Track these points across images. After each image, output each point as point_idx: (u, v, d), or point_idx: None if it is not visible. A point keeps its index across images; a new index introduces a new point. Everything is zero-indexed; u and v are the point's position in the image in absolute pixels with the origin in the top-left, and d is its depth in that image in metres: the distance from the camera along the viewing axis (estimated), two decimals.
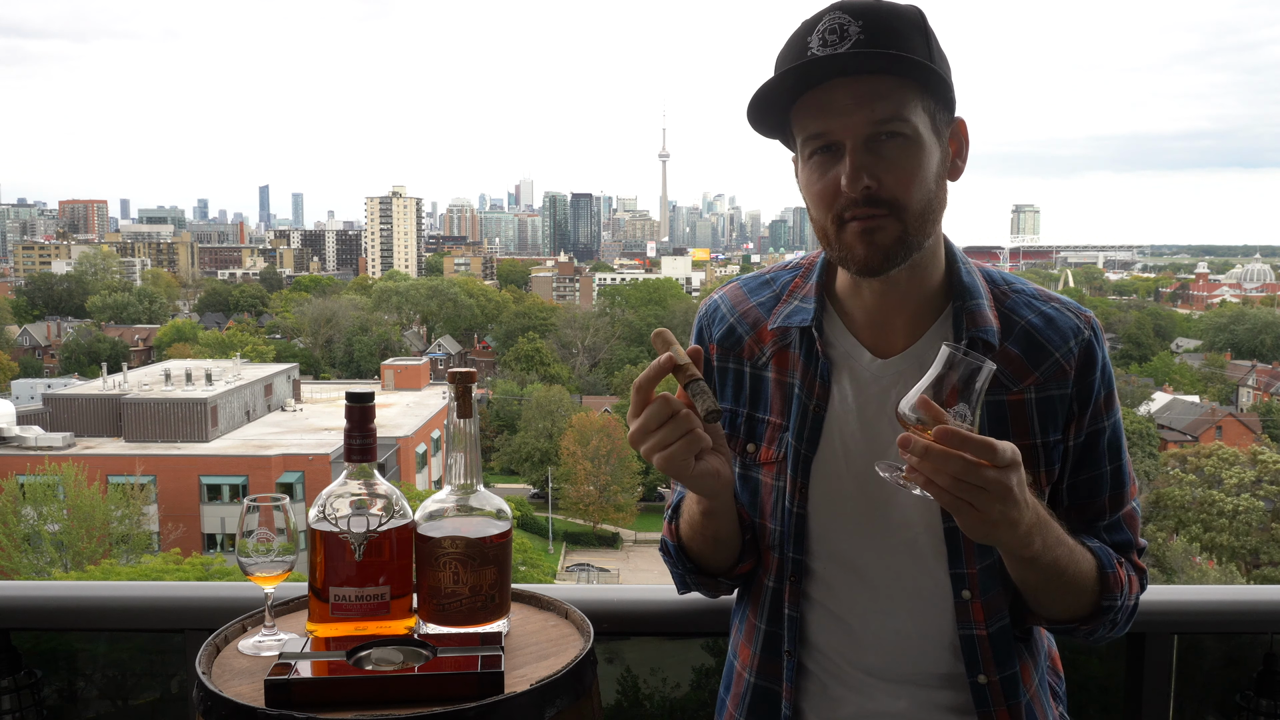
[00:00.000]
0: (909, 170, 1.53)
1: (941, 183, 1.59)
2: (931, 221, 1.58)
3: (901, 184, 1.53)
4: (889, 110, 1.51)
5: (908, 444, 1.35)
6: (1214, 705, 2.51)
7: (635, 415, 1.50)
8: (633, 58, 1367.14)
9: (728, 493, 1.63)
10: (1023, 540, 1.45)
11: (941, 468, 1.33)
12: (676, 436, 1.48)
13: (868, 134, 1.52)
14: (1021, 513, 1.40)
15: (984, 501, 1.36)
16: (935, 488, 1.36)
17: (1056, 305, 1.71)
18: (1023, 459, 1.63)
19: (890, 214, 1.53)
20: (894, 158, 1.52)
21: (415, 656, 1.61)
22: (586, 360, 73.57)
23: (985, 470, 1.34)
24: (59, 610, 2.34)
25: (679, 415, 1.48)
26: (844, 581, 1.70)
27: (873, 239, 1.54)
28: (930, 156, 1.55)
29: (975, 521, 1.39)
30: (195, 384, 43.30)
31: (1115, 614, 1.68)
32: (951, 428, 1.34)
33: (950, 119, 1.60)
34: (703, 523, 1.69)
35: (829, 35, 1.51)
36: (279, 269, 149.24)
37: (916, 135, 1.53)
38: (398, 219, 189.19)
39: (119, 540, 30.77)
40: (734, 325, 1.78)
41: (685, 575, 1.82)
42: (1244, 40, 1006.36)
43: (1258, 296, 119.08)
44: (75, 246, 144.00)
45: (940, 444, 1.33)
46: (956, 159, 1.63)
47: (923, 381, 1.39)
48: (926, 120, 1.55)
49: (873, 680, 1.70)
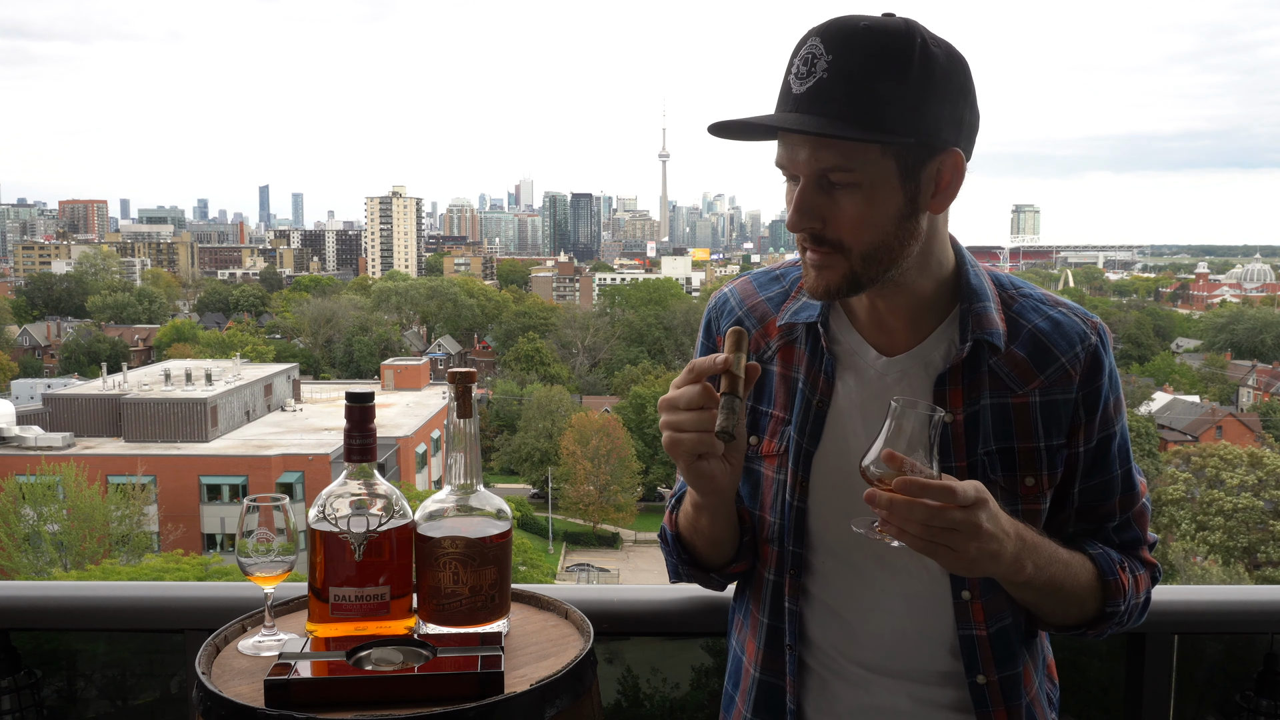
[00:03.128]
0: (854, 217, 1.51)
1: (907, 223, 1.54)
2: (888, 260, 1.55)
3: (845, 228, 1.51)
4: (832, 160, 1.48)
5: (874, 499, 1.39)
6: (1214, 705, 2.51)
7: (677, 386, 1.53)
8: (633, 58, 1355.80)
9: (722, 498, 1.65)
10: (1011, 568, 1.48)
11: (909, 517, 1.37)
12: (693, 427, 1.50)
13: (816, 176, 1.51)
14: (1001, 544, 1.43)
15: (958, 542, 1.39)
16: (908, 536, 1.40)
17: (1064, 310, 1.70)
18: (1026, 461, 1.64)
19: (837, 253, 1.54)
20: (841, 201, 1.51)
21: (415, 656, 1.61)
22: (586, 360, 73.57)
23: (951, 513, 1.37)
24: (59, 610, 2.34)
25: (707, 411, 1.50)
26: (843, 577, 1.70)
27: (820, 274, 1.56)
28: (885, 202, 1.51)
29: (955, 561, 1.42)
30: (195, 384, 43.32)
31: (1120, 617, 1.69)
32: (909, 478, 1.38)
33: (930, 154, 1.52)
34: (694, 515, 1.71)
35: (801, 66, 1.49)
36: (279, 269, 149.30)
37: (867, 183, 1.49)
38: (398, 219, 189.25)
39: (119, 540, 30.78)
40: (742, 319, 1.79)
41: (679, 565, 1.83)
42: (1239, 41, 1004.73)
43: (1258, 296, 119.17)
44: (75, 246, 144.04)
45: (902, 495, 1.37)
46: (945, 190, 1.56)
47: (880, 437, 1.43)
48: (889, 165, 1.49)
49: (871, 676, 1.70)
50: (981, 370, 1.64)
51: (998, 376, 1.64)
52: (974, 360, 1.64)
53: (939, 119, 1.50)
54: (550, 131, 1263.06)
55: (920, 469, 1.40)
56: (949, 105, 1.51)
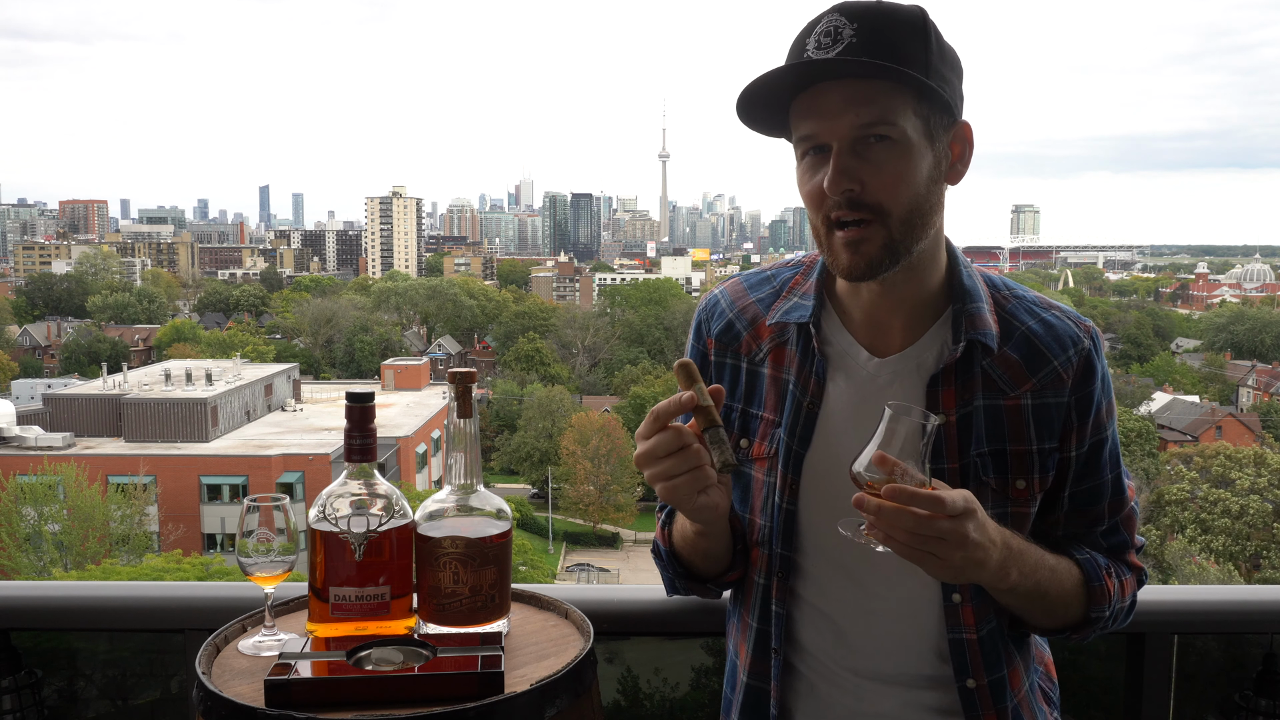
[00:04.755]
0: (894, 174, 1.51)
1: (935, 187, 1.56)
2: (921, 226, 1.56)
3: (886, 188, 1.51)
4: (875, 114, 1.49)
5: (863, 504, 1.39)
6: (1214, 705, 2.51)
7: (644, 438, 1.50)
8: (633, 58, 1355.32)
9: (724, 522, 1.65)
10: (996, 575, 1.49)
11: (896, 524, 1.38)
12: (683, 470, 1.49)
13: (854, 137, 1.50)
14: (987, 553, 1.43)
15: (944, 550, 1.40)
16: (894, 543, 1.40)
17: (1057, 313, 1.70)
18: (1018, 464, 1.64)
19: (875, 219, 1.52)
20: (879, 161, 1.51)
21: (415, 656, 1.61)
22: (586, 360, 73.56)
23: (939, 522, 1.38)
24: (59, 610, 2.34)
25: (689, 449, 1.48)
26: (833, 580, 1.70)
27: (858, 249, 1.54)
28: (920, 160, 1.53)
29: (940, 569, 1.43)
30: (195, 384, 43.30)
31: (1104, 622, 1.69)
32: (899, 485, 1.38)
33: (951, 122, 1.57)
34: (695, 540, 1.71)
35: (824, 38, 1.50)
36: (279, 269, 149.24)
37: (905, 139, 1.51)
38: (398, 219, 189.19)
39: (119, 540, 30.78)
40: (732, 320, 1.78)
41: (675, 579, 1.84)
42: (1236, 42, 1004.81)
43: (1258, 296, 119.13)
44: (75, 246, 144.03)
45: (891, 501, 1.37)
46: (957, 162, 1.60)
47: (872, 443, 1.42)
48: (919, 125, 1.52)
49: (860, 681, 1.70)
50: (974, 372, 1.63)
51: (990, 378, 1.64)
52: (967, 361, 1.63)
53: (954, 88, 1.56)
54: (550, 131, 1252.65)
55: (911, 475, 1.40)
56: (957, 79, 1.57)
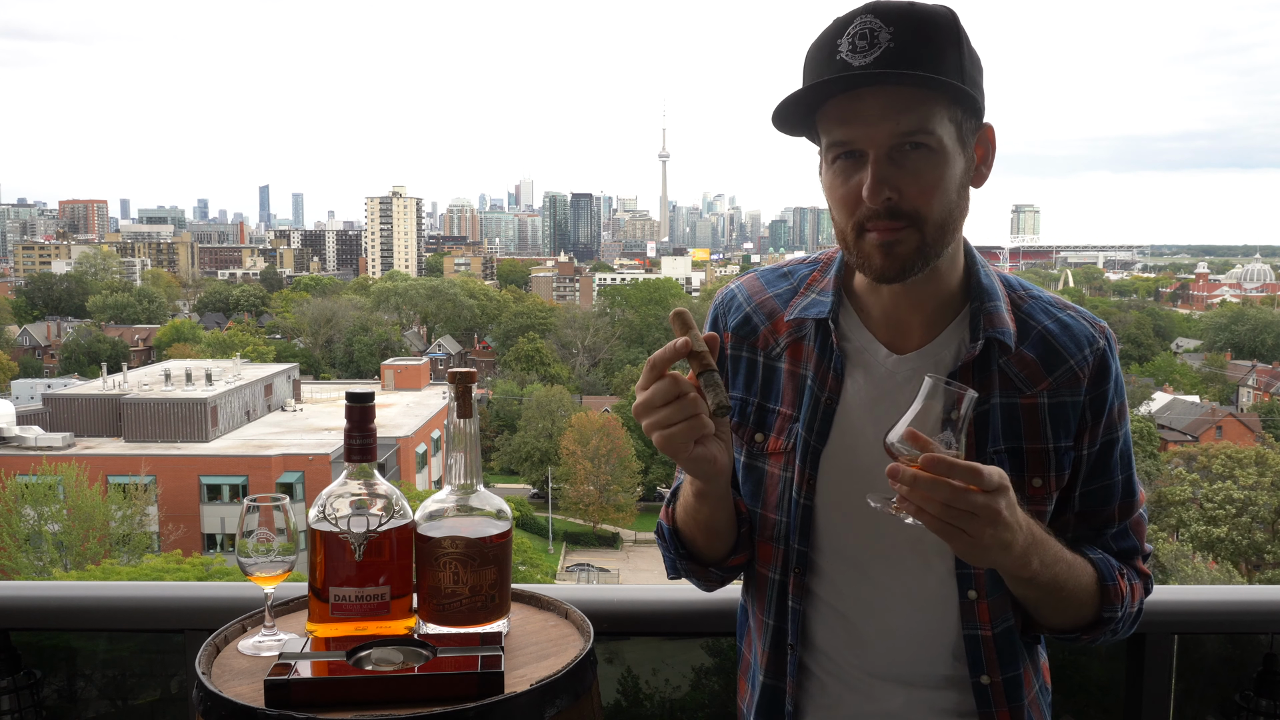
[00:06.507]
0: (931, 182, 1.51)
1: (963, 192, 1.58)
2: (951, 231, 1.57)
3: (923, 195, 1.52)
4: (914, 123, 1.49)
5: (896, 474, 1.37)
6: (1214, 705, 2.51)
7: (643, 388, 1.50)
8: (633, 58, 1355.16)
9: (723, 480, 1.62)
10: (1019, 561, 1.47)
11: (930, 495, 1.36)
12: (680, 418, 1.48)
13: (891, 145, 1.50)
14: (1014, 535, 1.42)
15: (975, 526, 1.38)
16: (926, 515, 1.38)
17: (1072, 314, 1.71)
18: (1034, 462, 1.64)
19: (910, 225, 1.53)
20: (916, 169, 1.51)
21: (415, 656, 1.61)
22: (586, 360, 73.55)
23: (973, 495, 1.36)
24: (59, 610, 2.34)
25: (686, 397, 1.48)
26: (848, 577, 1.70)
27: (891, 251, 1.54)
28: (953, 167, 1.54)
29: (968, 546, 1.41)
30: (195, 384, 43.29)
31: (1116, 623, 1.69)
32: (938, 455, 1.36)
33: (978, 125, 1.58)
34: (695, 505, 1.68)
35: (859, 40, 1.49)
36: (279, 269, 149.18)
37: (940, 147, 1.51)
38: (398, 219, 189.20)
39: (119, 540, 30.77)
40: (750, 314, 1.78)
41: (676, 560, 1.81)
42: (1235, 43, 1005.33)
43: (1258, 296, 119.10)
44: (75, 246, 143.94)
45: (928, 472, 1.35)
46: (981, 165, 1.61)
47: (908, 413, 1.41)
48: (952, 130, 1.53)
49: (874, 680, 1.70)
50: (992, 370, 1.64)
51: (1007, 377, 1.64)
52: (984, 359, 1.64)
53: (980, 94, 1.56)
54: (550, 131, 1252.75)
55: (946, 449, 1.39)
56: (982, 80, 1.57)
